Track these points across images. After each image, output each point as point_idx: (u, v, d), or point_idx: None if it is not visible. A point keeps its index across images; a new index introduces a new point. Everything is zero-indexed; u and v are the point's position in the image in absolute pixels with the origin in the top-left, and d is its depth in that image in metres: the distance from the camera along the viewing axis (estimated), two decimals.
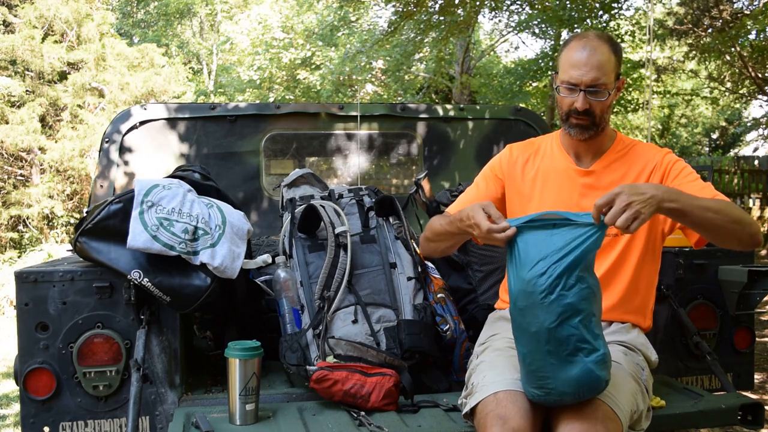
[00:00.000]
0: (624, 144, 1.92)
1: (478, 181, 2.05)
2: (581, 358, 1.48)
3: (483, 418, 1.58)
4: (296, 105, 3.31)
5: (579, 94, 1.78)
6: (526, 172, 1.96)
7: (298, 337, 2.08)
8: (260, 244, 2.69)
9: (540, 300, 1.47)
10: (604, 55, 1.77)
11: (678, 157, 1.88)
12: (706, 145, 25.08)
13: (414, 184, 2.70)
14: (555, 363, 1.49)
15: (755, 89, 12.67)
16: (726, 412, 1.91)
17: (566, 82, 1.79)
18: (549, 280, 1.47)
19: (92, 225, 1.94)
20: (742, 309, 2.33)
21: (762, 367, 4.99)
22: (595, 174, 1.88)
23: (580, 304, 1.47)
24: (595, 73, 1.75)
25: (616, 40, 1.85)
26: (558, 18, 9.51)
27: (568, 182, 1.90)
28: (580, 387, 1.49)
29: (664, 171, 1.85)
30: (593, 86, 1.77)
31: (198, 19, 21.76)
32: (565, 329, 1.47)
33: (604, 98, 1.78)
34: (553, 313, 1.46)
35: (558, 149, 1.95)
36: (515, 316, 1.55)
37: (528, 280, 1.49)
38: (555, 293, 1.46)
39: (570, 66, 1.78)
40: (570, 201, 1.87)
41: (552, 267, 1.47)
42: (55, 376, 1.94)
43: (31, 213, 11.88)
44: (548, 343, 1.48)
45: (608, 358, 1.52)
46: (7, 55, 11.83)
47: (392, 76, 14.08)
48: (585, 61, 1.76)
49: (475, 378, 1.73)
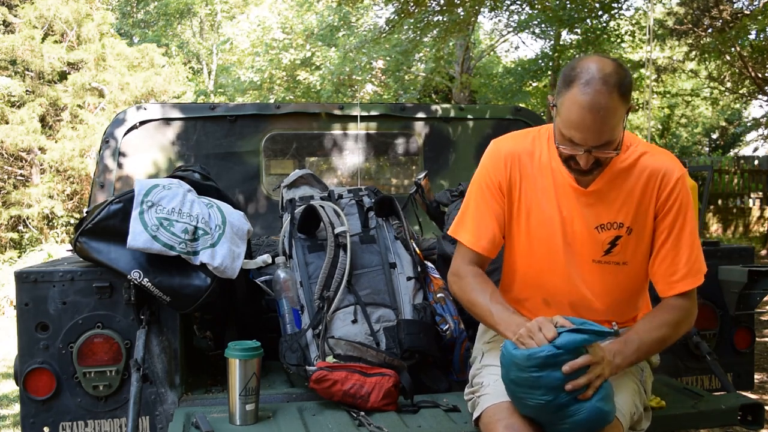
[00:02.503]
0: (631, 152, 1.68)
1: (489, 205, 1.76)
2: (585, 401, 1.47)
3: (492, 426, 1.57)
4: (296, 105, 3.31)
5: (583, 153, 1.56)
6: (524, 182, 1.74)
7: (297, 337, 2.08)
8: (260, 244, 2.69)
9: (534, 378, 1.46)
10: (610, 112, 1.50)
11: (679, 185, 1.66)
12: (706, 145, 25.08)
13: (414, 184, 2.70)
14: (561, 416, 1.49)
15: (755, 89, 12.66)
16: (726, 413, 1.91)
17: (567, 140, 1.57)
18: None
19: (92, 225, 1.94)
20: (742, 309, 2.33)
21: (762, 367, 4.99)
22: (596, 194, 1.68)
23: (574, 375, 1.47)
24: (601, 136, 1.53)
25: (624, 75, 1.54)
26: (558, 18, 9.52)
27: (567, 202, 1.70)
28: (591, 426, 1.49)
29: (656, 206, 1.67)
30: (599, 146, 1.55)
31: (198, 19, 21.76)
32: (561, 398, 1.46)
33: (611, 151, 1.57)
34: (551, 390, 1.46)
35: (555, 160, 1.70)
36: (508, 384, 1.53)
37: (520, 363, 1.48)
38: (545, 372, 1.46)
39: (572, 126, 1.53)
40: (570, 223, 1.70)
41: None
42: (55, 376, 1.94)
43: (31, 213, 11.89)
44: (550, 411, 1.49)
45: (611, 390, 1.52)
46: (7, 55, 11.84)
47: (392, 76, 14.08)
48: (589, 125, 1.51)
49: (483, 379, 1.72)
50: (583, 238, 1.69)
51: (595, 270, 1.71)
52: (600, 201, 1.68)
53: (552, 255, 1.72)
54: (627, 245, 1.69)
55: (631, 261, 1.71)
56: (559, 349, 1.44)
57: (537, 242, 1.74)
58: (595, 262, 1.70)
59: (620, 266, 1.71)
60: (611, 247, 1.68)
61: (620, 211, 1.67)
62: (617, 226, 1.67)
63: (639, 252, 1.70)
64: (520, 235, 1.76)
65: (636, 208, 1.67)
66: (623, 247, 1.68)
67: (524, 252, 1.77)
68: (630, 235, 1.68)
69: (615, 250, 1.69)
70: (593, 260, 1.70)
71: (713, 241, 2.55)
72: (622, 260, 1.70)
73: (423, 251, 2.46)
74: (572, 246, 1.70)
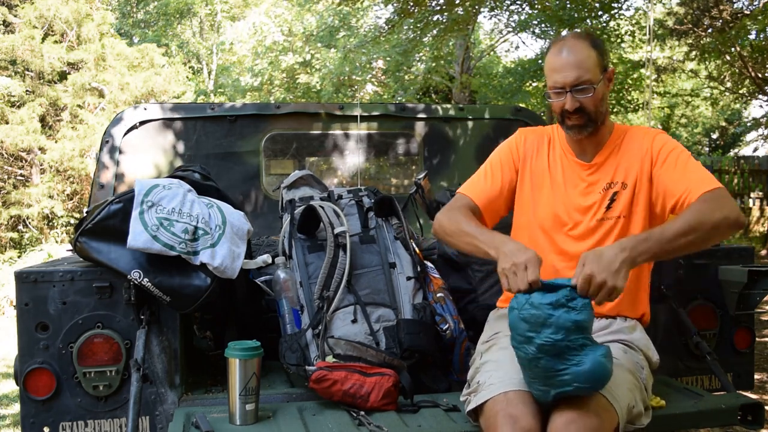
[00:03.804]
0: (619, 133, 1.95)
1: (493, 170, 2.02)
2: (588, 352, 1.50)
3: (492, 417, 1.58)
4: (296, 105, 3.31)
5: (566, 95, 1.81)
6: (537, 161, 1.99)
7: (297, 337, 2.08)
8: (260, 244, 2.69)
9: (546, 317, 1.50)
10: (582, 52, 1.80)
11: (668, 138, 1.90)
12: (706, 145, 25.07)
13: (414, 184, 2.70)
14: (564, 365, 1.50)
15: (755, 89, 12.66)
16: (726, 412, 1.91)
17: (552, 87, 1.84)
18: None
19: (92, 225, 1.94)
20: (742, 309, 2.32)
21: (762, 367, 4.99)
22: (597, 166, 1.93)
23: (585, 322, 1.51)
24: (577, 71, 1.79)
25: (594, 35, 1.90)
26: (558, 18, 9.51)
27: (573, 177, 1.94)
28: (590, 378, 1.50)
29: (652, 158, 1.87)
30: (578, 85, 1.80)
31: (198, 19, 21.75)
32: (570, 340, 1.50)
33: (591, 94, 1.81)
34: (561, 330, 1.49)
35: (563, 142, 1.99)
36: (517, 325, 1.56)
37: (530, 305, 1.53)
38: (558, 312, 1.50)
39: (552, 71, 1.83)
40: (576, 196, 1.92)
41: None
42: (55, 376, 1.94)
43: (31, 213, 11.89)
44: (554, 353, 1.51)
45: (611, 353, 1.56)
46: (7, 55, 11.84)
47: (392, 76, 14.07)
48: (565, 62, 1.80)
49: (481, 377, 1.72)
50: (586, 205, 1.90)
51: (598, 228, 1.89)
52: (600, 170, 1.92)
53: (559, 220, 1.91)
54: (625, 199, 1.87)
55: (630, 215, 1.88)
56: (572, 294, 1.51)
57: (542, 214, 1.94)
58: (598, 220, 1.89)
59: (620, 220, 1.87)
60: (611, 202, 1.89)
61: (617, 173, 1.90)
62: (614, 185, 1.90)
63: (637, 206, 1.87)
64: (527, 204, 1.97)
65: (631, 168, 1.88)
66: (620, 201, 1.88)
67: (531, 219, 1.96)
68: (626, 190, 1.88)
69: (614, 205, 1.88)
70: (597, 219, 1.89)
71: None
72: (622, 214, 1.87)
73: (423, 251, 2.46)
74: (575, 215, 1.90)
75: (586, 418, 1.50)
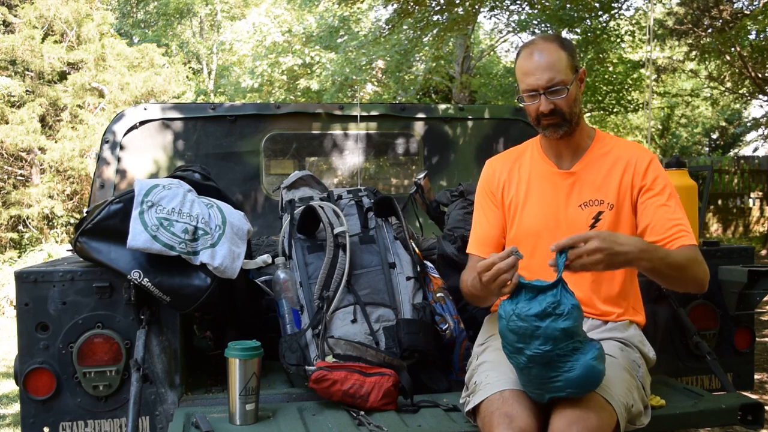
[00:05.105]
0: (605, 143, 1.93)
1: (486, 214, 2.02)
2: (579, 357, 1.50)
3: (488, 416, 1.59)
4: (296, 105, 3.31)
5: (540, 97, 1.82)
6: (510, 183, 1.98)
7: (297, 337, 2.08)
8: (260, 244, 2.69)
9: (533, 328, 1.50)
10: (553, 55, 1.80)
11: (662, 169, 1.88)
12: (706, 145, 25.06)
13: (414, 184, 2.70)
14: (556, 373, 1.51)
15: (755, 89, 12.66)
16: (726, 412, 1.91)
17: (526, 90, 1.84)
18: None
19: (92, 225, 1.94)
20: (742, 309, 2.33)
21: (762, 367, 4.99)
22: (577, 175, 1.90)
23: (573, 327, 1.50)
24: (549, 73, 1.79)
25: (563, 37, 1.91)
26: (558, 18, 9.51)
27: (551, 186, 1.92)
28: (583, 383, 1.51)
29: (642, 184, 1.84)
30: (551, 87, 1.80)
31: (198, 19, 21.75)
32: (560, 348, 1.49)
33: (564, 95, 1.81)
34: (549, 340, 1.49)
35: (539, 154, 1.97)
36: (507, 336, 1.55)
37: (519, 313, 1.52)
38: (545, 322, 1.49)
39: (524, 74, 1.83)
40: (556, 205, 1.89)
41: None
42: (55, 376, 1.94)
43: (31, 213, 11.88)
44: (545, 362, 1.51)
45: (603, 353, 1.56)
46: (7, 55, 11.83)
47: (392, 76, 14.06)
48: (536, 65, 1.81)
49: (478, 377, 1.73)
50: (569, 217, 1.87)
51: None
52: (580, 181, 1.89)
53: (541, 234, 1.88)
54: (610, 221, 1.84)
55: None
56: (557, 298, 1.50)
57: (527, 226, 1.92)
58: None
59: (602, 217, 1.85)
60: (595, 222, 1.85)
61: (600, 189, 1.87)
62: (599, 203, 1.86)
63: (621, 229, 1.83)
64: (512, 226, 1.96)
65: (617, 188, 1.85)
66: (605, 222, 1.84)
67: (517, 237, 1.94)
68: (612, 211, 1.84)
69: (599, 225, 1.84)
70: None
71: (713, 241, 2.56)
72: (602, 209, 1.84)
73: (423, 251, 2.46)
74: (559, 225, 1.86)
75: (587, 418, 1.51)
